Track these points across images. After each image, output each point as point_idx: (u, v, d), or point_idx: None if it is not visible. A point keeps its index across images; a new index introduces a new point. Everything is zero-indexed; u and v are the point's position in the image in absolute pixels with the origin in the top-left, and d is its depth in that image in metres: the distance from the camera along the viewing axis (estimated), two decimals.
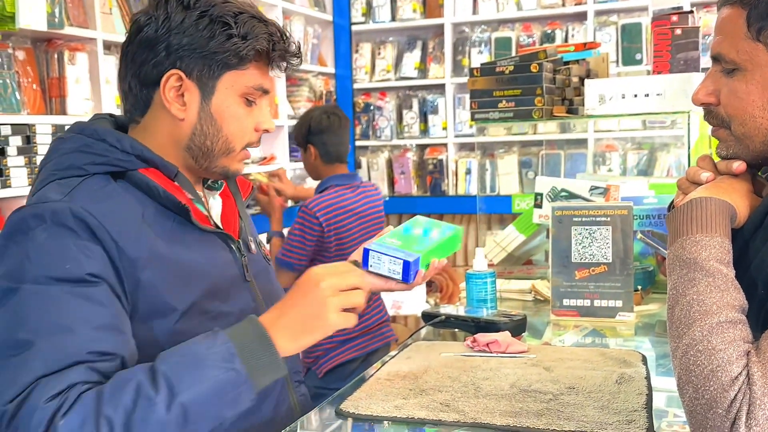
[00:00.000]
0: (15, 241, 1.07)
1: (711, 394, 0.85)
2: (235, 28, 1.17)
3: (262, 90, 1.23)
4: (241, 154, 1.25)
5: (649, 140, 4.29)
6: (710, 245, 0.97)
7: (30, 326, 1.00)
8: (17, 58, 2.67)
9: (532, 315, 1.81)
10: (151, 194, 1.16)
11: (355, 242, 2.98)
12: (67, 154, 1.16)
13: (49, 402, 0.95)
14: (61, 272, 1.03)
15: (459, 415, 1.15)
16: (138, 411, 0.95)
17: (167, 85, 1.18)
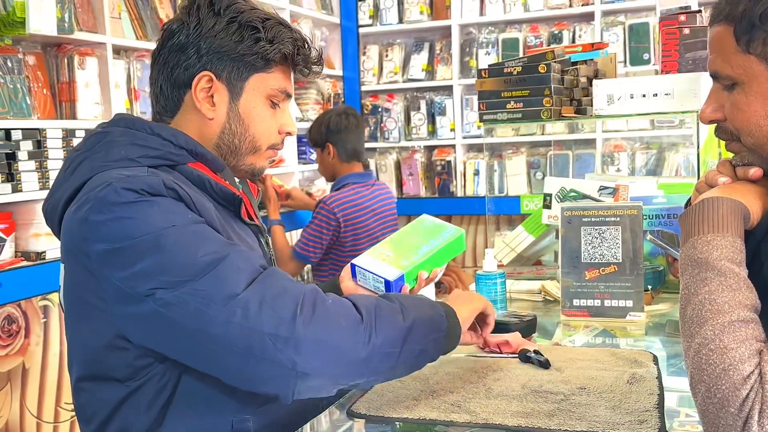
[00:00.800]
0: (120, 212, 1.06)
1: (723, 393, 0.85)
2: (263, 33, 1.24)
3: (285, 93, 1.30)
4: (266, 153, 1.32)
5: (657, 140, 4.28)
6: (722, 245, 0.97)
7: (207, 248, 1.06)
8: (27, 63, 2.69)
9: (542, 315, 1.81)
10: (202, 186, 1.21)
11: (369, 238, 3.02)
12: (120, 146, 1.18)
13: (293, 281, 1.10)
14: (185, 219, 1.09)
15: (470, 416, 1.15)
16: (383, 311, 1.11)
17: (198, 86, 1.24)
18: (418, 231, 1.51)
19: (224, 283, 1.03)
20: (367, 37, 4.93)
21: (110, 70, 2.90)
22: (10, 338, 2.52)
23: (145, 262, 1.04)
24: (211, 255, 1.05)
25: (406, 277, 1.39)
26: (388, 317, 1.11)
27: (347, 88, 4.88)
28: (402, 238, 1.50)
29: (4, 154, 2.50)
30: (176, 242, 1.05)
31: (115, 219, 1.06)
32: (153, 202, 1.08)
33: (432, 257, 1.44)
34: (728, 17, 1.01)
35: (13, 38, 2.55)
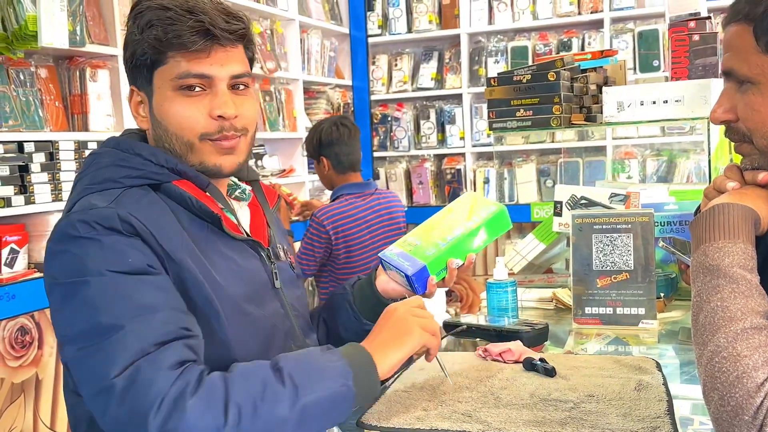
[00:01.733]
0: (70, 246, 1.08)
1: (737, 400, 0.84)
2: (135, 27, 1.18)
3: (193, 76, 1.17)
4: (206, 146, 1.21)
5: (668, 147, 4.27)
6: (733, 251, 0.96)
7: (113, 312, 1.02)
8: (39, 75, 2.71)
9: (553, 324, 1.81)
10: (185, 204, 1.19)
11: (364, 251, 3.00)
12: (103, 168, 1.19)
13: (170, 371, 0.97)
14: (125, 265, 1.06)
15: (483, 426, 1.15)
16: (266, 403, 0.99)
17: (132, 102, 1.24)
18: (454, 212, 1.40)
19: (103, 362, 0.99)
20: (377, 47, 4.95)
21: (122, 82, 2.92)
22: (23, 349, 2.53)
23: (65, 310, 1.07)
24: (112, 320, 1.01)
25: (430, 268, 1.30)
26: (268, 412, 0.99)
27: (357, 98, 4.89)
28: (436, 221, 1.39)
29: (17, 166, 2.52)
30: (92, 296, 1.04)
31: (62, 253, 1.09)
32: (98, 240, 1.07)
33: (464, 241, 1.32)
34: (748, 17, 1.00)
35: (25, 51, 2.57)
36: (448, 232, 1.35)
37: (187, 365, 1.00)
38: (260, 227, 1.35)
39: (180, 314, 1.06)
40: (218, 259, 1.19)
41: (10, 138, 2.52)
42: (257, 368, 1.04)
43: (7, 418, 2.46)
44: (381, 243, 3.06)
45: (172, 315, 1.04)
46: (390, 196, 3.24)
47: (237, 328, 1.17)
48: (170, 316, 1.04)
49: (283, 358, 1.07)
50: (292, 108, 4.28)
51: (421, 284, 1.32)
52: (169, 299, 1.07)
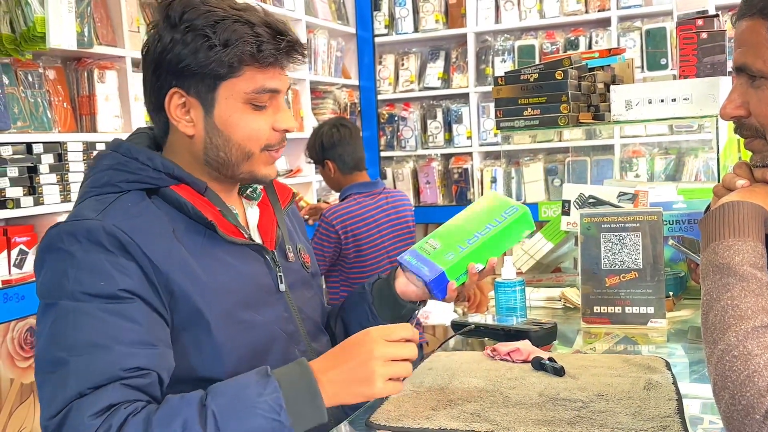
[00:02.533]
0: (52, 258, 1.11)
1: (748, 399, 0.84)
2: (215, 38, 1.15)
3: (266, 91, 1.20)
4: (263, 157, 1.24)
5: (676, 145, 4.25)
6: (743, 249, 0.96)
7: (65, 343, 1.04)
8: (48, 77, 2.72)
9: (562, 323, 1.80)
10: (182, 210, 1.19)
11: (374, 250, 3.00)
12: (103, 171, 1.20)
13: (93, 419, 0.98)
14: (96, 288, 1.06)
15: (492, 425, 1.14)
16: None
17: (171, 105, 1.20)
18: (476, 213, 1.36)
19: (46, 398, 1.02)
20: (383, 47, 4.95)
21: (130, 83, 2.93)
22: (33, 350, 2.54)
23: (37, 325, 1.10)
24: (62, 353, 1.03)
25: (449, 273, 1.27)
26: None
27: (363, 98, 4.89)
28: (456, 223, 1.36)
29: (25, 167, 2.53)
30: (54, 322, 1.06)
31: (44, 264, 1.12)
32: (76, 257, 1.08)
33: (485, 244, 1.29)
34: (763, 11, 1.00)
35: (33, 53, 2.58)
36: (469, 234, 1.32)
37: (114, 409, 0.99)
38: (269, 227, 1.34)
39: (136, 349, 1.05)
40: (215, 266, 1.19)
41: (19, 139, 2.53)
42: (183, 406, 1.01)
43: (17, 419, 2.47)
44: (391, 242, 3.06)
45: (123, 352, 1.03)
46: (398, 195, 3.24)
47: (229, 337, 1.16)
48: (119, 353, 1.03)
49: (214, 392, 1.04)
50: (299, 108, 4.28)
51: (440, 290, 1.30)
52: (130, 331, 1.06)
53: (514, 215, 1.33)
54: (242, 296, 1.21)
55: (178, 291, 1.13)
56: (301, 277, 1.37)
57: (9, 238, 2.52)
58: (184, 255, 1.15)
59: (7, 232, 2.52)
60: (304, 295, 1.36)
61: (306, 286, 1.37)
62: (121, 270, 1.09)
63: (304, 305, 1.34)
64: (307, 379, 1.06)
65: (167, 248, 1.14)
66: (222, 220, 1.22)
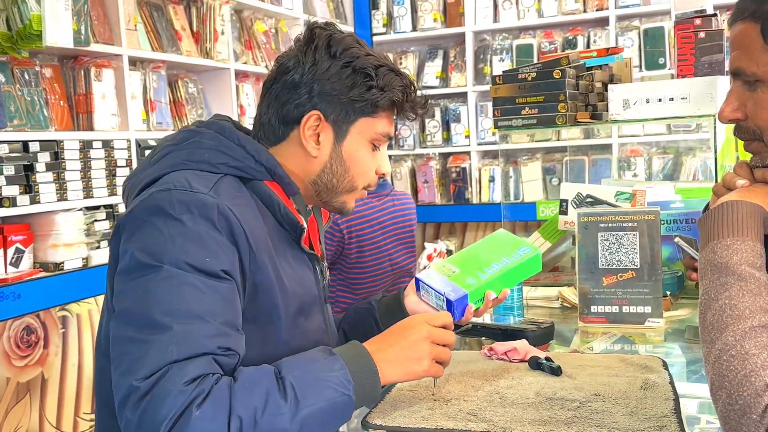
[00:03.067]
0: (160, 221, 1.09)
1: (745, 399, 0.83)
2: (375, 80, 1.25)
3: (388, 137, 1.32)
4: (360, 193, 1.34)
5: (674, 144, 4.25)
6: (742, 249, 0.95)
7: (168, 308, 1.04)
8: (44, 75, 2.72)
9: (559, 322, 1.80)
10: (270, 206, 1.22)
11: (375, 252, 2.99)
12: (204, 149, 1.20)
13: (186, 386, 0.99)
14: (201, 263, 1.07)
15: (488, 425, 1.14)
16: (266, 415, 1.00)
17: (307, 125, 1.26)
18: (490, 246, 1.45)
19: (138, 358, 1.02)
20: (381, 45, 4.95)
21: (126, 81, 2.92)
22: (29, 349, 2.53)
23: (128, 283, 1.08)
24: (163, 318, 1.03)
25: (470, 296, 1.34)
26: (269, 423, 1.00)
27: None
28: (472, 253, 1.44)
29: (22, 165, 2.52)
30: (156, 286, 1.06)
31: (150, 225, 1.09)
32: (188, 227, 1.08)
33: (502, 276, 1.38)
34: (755, 15, 1.00)
35: (30, 51, 2.58)
36: (487, 264, 1.40)
37: (202, 377, 1.01)
38: (315, 242, 1.38)
39: (228, 329, 1.07)
40: (286, 267, 1.23)
41: (15, 137, 2.53)
42: (262, 376, 1.04)
43: (13, 418, 2.47)
44: (393, 245, 3.05)
45: (219, 330, 1.05)
46: (404, 197, 3.22)
47: (290, 337, 1.21)
48: (217, 330, 1.05)
49: (287, 365, 1.08)
50: None
51: (460, 311, 1.34)
52: (225, 311, 1.08)
53: (527, 254, 1.41)
54: (302, 301, 1.25)
55: (263, 284, 1.16)
56: (330, 293, 1.44)
57: (5, 237, 2.51)
58: (272, 250, 1.19)
59: (3, 230, 2.51)
60: (330, 309, 1.41)
61: (331, 302, 1.44)
62: (225, 250, 1.10)
63: (330, 318, 1.39)
64: (366, 359, 1.13)
65: (264, 239, 1.17)
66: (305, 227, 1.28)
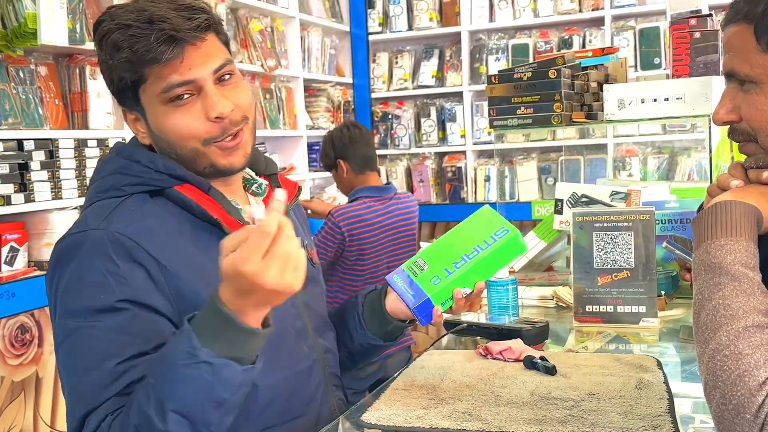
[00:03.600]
0: (61, 272, 1.14)
1: (738, 399, 0.84)
2: (104, 55, 1.17)
3: (177, 85, 1.15)
4: (212, 149, 1.19)
5: (669, 144, 4.26)
6: (735, 249, 0.96)
7: (70, 369, 1.11)
8: (39, 73, 2.71)
9: (554, 322, 1.80)
10: (187, 209, 1.20)
11: (376, 254, 2.99)
12: (108, 176, 1.22)
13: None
14: (93, 302, 1.10)
15: (483, 424, 1.14)
16: (143, 429, 1.00)
17: (128, 121, 1.25)
18: (470, 229, 1.31)
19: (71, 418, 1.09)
20: (377, 45, 4.94)
21: None
22: (23, 347, 2.53)
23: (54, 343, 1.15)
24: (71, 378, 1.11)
25: (434, 299, 1.25)
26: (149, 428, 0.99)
27: (357, 96, 4.89)
28: (448, 241, 1.32)
29: (16, 164, 2.52)
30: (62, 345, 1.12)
31: (52, 280, 1.15)
32: (83, 271, 1.11)
33: (475, 267, 1.26)
34: (747, 16, 1.00)
35: (24, 49, 2.57)
36: (457, 257, 1.27)
37: (106, 418, 1.05)
38: None
39: (132, 362, 1.07)
40: None
41: (10, 136, 2.52)
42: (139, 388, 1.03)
43: (7, 417, 2.46)
44: (393, 248, 3.04)
45: (120, 369, 1.07)
46: (407, 200, 3.21)
47: None
48: (118, 372, 1.06)
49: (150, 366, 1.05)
50: (293, 106, 4.27)
51: (424, 316, 1.27)
52: (126, 345, 1.08)
53: (503, 239, 1.27)
54: None
55: (187, 289, 1.14)
56: (307, 273, 1.35)
57: (0, 236, 2.50)
58: (192, 253, 1.16)
59: None
60: (312, 291, 1.35)
61: (312, 282, 1.36)
62: (121, 280, 1.10)
63: (310, 301, 1.34)
64: (215, 309, 0.98)
65: (174, 248, 1.15)
66: (227, 217, 1.21)
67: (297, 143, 4.30)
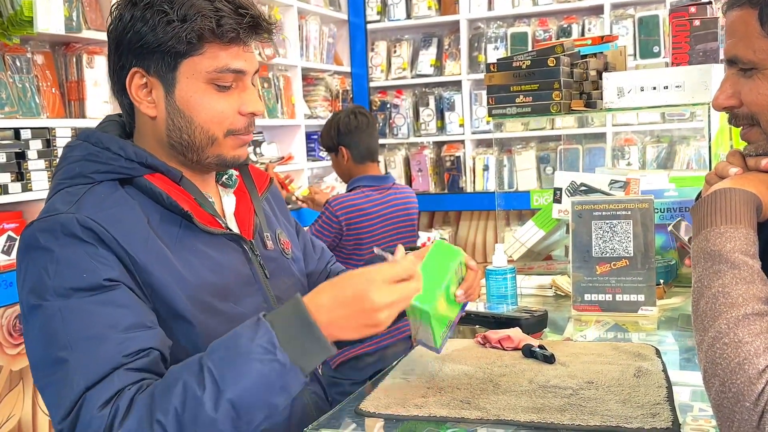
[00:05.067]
0: (31, 257, 1.09)
1: (738, 387, 0.83)
2: (172, 13, 1.11)
3: (230, 71, 1.15)
4: (229, 141, 1.19)
5: (668, 133, 4.25)
6: (735, 237, 0.95)
7: (61, 342, 1.02)
8: (36, 62, 2.69)
9: (553, 310, 1.80)
10: (157, 200, 1.16)
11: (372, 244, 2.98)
12: (75, 162, 1.16)
13: (102, 410, 0.97)
14: (80, 282, 1.05)
15: (481, 412, 1.14)
16: (187, 412, 0.96)
17: (133, 85, 1.17)
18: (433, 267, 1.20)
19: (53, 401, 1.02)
20: (375, 33, 4.93)
21: None
22: (21, 337, 2.53)
23: (25, 329, 1.08)
24: (59, 352, 1.02)
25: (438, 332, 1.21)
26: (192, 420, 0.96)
27: (355, 85, 4.87)
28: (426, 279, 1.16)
29: (13, 153, 2.51)
30: (44, 323, 1.04)
31: (23, 265, 1.09)
32: (54, 252, 1.06)
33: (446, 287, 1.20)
34: (752, 1, 0.99)
35: (21, 38, 2.55)
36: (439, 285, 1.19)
37: (120, 392, 0.99)
38: (246, 215, 1.30)
39: (132, 333, 1.04)
40: (191, 257, 1.16)
41: (7, 125, 2.51)
42: (182, 371, 1.00)
43: (6, 406, 2.46)
44: (391, 238, 3.03)
45: (118, 339, 1.02)
46: (406, 192, 3.19)
47: (207, 329, 1.14)
48: (115, 341, 1.02)
49: (210, 349, 1.02)
50: (291, 95, 4.26)
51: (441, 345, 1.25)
52: (122, 317, 1.05)
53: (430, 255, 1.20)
54: (220, 287, 1.18)
55: (157, 283, 1.11)
56: (281, 265, 1.33)
57: None
58: (160, 246, 1.13)
59: None
60: (285, 283, 1.32)
61: (286, 274, 1.34)
62: (101, 260, 1.07)
63: (283, 294, 1.30)
64: (299, 313, 1.01)
65: (143, 239, 1.11)
66: (198, 209, 1.19)
67: (295, 132, 4.29)
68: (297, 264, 1.41)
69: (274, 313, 1.03)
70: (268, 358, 0.98)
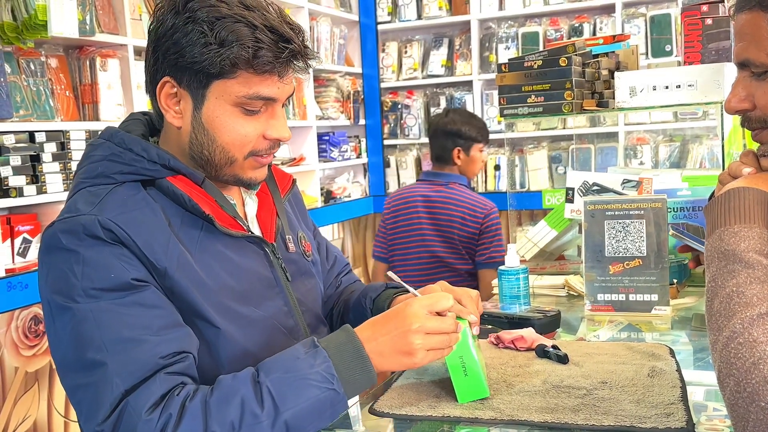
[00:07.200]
0: (54, 258, 1.08)
1: (753, 387, 0.83)
2: (211, 36, 1.09)
3: (259, 98, 1.15)
4: (248, 163, 1.19)
5: (680, 132, 4.23)
6: (749, 236, 0.95)
7: (95, 345, 1.02)
8: (50, 65, 2.72)
9: (566, 311, 1.80)
10: (179, 202, 1.16)
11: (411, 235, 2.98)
12: (97, 162, 1.16)
13: (150, 414, 0.98)
14: (108, 282, 1.05)
15: (495, 413, 1.14)
16: (244, 427, 0.99)
17: (163, 92, 1.17)
18: None
19: (91, 403, 1.01)
20: (386, 34, 4.93)
21: (132, 71, 2.92)
22: (36, 338, 2.55)
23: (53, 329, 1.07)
24: (95, 355, 1.01)
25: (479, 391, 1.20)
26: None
27: (367, 86, 4.88)
28: None
29: (28, 156, 2.53)
30: (76, 325, 1.03)
31: (48, 266, 1.08)
32: (80, 254, 1.06)
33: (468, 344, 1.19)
34: (762, 3, 0.98)
35: (35, 41, 2.58)
36: None
37: (168, 397, 1.00)
38: (268, 218, 1.30)
39: (167, 334, 1.05)
40: (212, 261, 1.16)
41: (22, 128, 2.53)
42: (239, 385, 1.02)
43: (22, 407, 2.48)
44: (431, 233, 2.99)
45: (154, 341, 1.03)
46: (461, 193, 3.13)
47: (228, 333, 1.15)
48: (152, 342, 1.03)
49: (266, 367, 1.05)
50: (302, 96, 4.27)
51: None
52: (154, 318, 1.05)
53: None
54: (241, 291, 1.19)
55: (177, 287, 1.11)
56: (302, 267, 1.34)
57: (12, 227, 2.52)
58: (181, 249, 1.13)
59: (10, 221, 2.52)
60: (305, 285, 1.33)
61: (306, 276, 1.35)
62: (126, 260, 1.07)
63: (303, 297, 1.31)
64: (355, 347, 1.09)
65: (165, 243, 1.11)
66: (220, 212, 1.19)
67: (307, 133, 4.30)
68: (317, 267, 1.41)
69: (328, 342, 1.09)
70: (325, 386, 1.04)
